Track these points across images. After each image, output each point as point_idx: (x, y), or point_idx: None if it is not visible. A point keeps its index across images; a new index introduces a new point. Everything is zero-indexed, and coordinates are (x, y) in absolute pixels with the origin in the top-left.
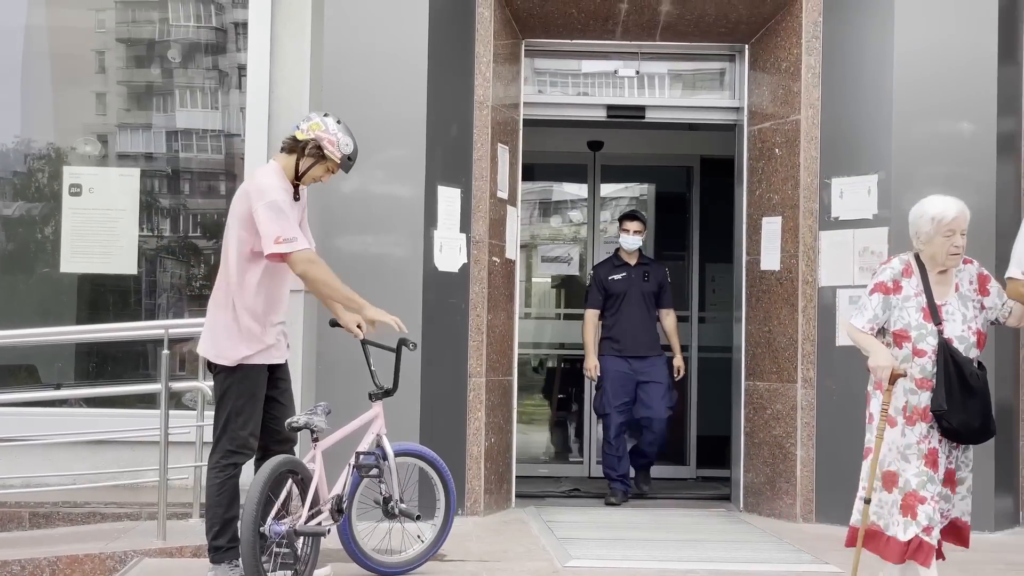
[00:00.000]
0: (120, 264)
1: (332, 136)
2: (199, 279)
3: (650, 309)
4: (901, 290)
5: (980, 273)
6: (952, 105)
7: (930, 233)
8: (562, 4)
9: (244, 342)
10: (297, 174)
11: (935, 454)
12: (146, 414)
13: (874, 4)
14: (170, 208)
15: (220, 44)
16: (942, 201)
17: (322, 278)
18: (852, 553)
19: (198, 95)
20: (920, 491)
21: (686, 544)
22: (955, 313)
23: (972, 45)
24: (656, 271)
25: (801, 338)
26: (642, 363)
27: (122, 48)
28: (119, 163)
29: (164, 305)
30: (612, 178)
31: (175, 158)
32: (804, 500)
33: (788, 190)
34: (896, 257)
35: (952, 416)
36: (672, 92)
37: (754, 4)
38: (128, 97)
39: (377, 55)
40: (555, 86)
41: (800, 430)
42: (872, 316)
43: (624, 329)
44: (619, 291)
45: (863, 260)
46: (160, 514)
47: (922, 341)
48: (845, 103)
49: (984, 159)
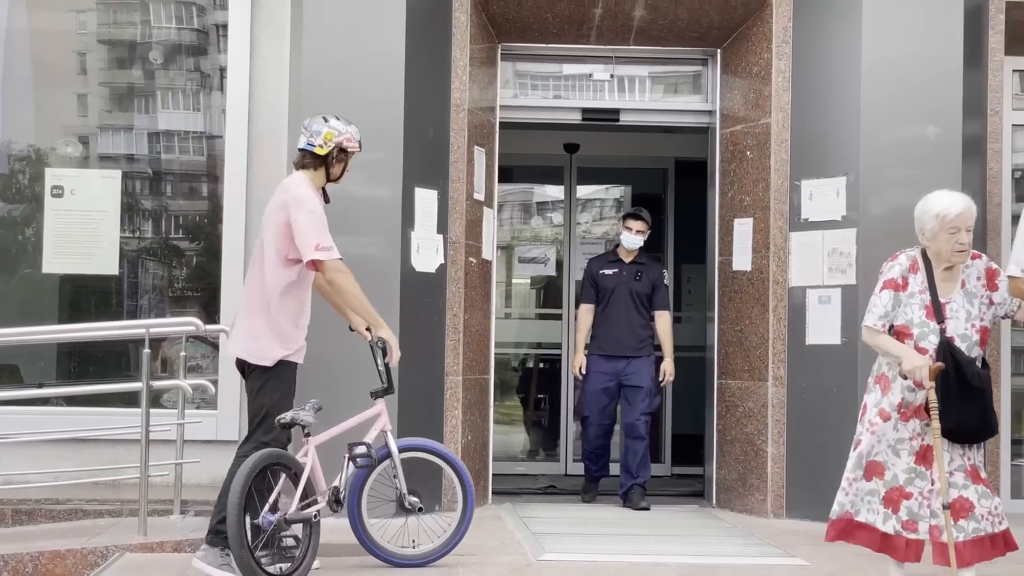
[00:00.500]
0: (102, 265)
1: (347, 134)
2: (180, 280)
3: (640, 309)
4: (908, 286)
5: (989, 268)
6: (918, 109)
7: (934, 230)
8: (537, 9)
9: (280, 343)
10: (329, 179)
11: (929, 452)
12: (127, 412)
13: (843, 10)
14: (152, 209)
15: (201, 46)
16: (947, 197)
17: (350, 288)
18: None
19: (179, 96)
20: (907, 487)
21: (658, 539)
22: (959, 311)
23: (938, 51)
24: (651, 271)
25: (772, 337)
26: (626, 364)
27: (103, 49)
28: (101, 164)
29: (146, 306)
30: (588, 180)
31: (157, 159)
32: (775, 496)
33: (759, 192)
34: (903, 253)
35: (948, 415)
36: (646, 95)
37: (726, 10)
38: (110, 98)
39: (355, 59)
40: (531, 89)
41: (771, 427)
42: (883, 313)
43: (609, 328)
44: (608, 288)
45: (832, 261)
46: (141, 510)
47: (924, 339)
48: (814, 107)
49: (949, 162)
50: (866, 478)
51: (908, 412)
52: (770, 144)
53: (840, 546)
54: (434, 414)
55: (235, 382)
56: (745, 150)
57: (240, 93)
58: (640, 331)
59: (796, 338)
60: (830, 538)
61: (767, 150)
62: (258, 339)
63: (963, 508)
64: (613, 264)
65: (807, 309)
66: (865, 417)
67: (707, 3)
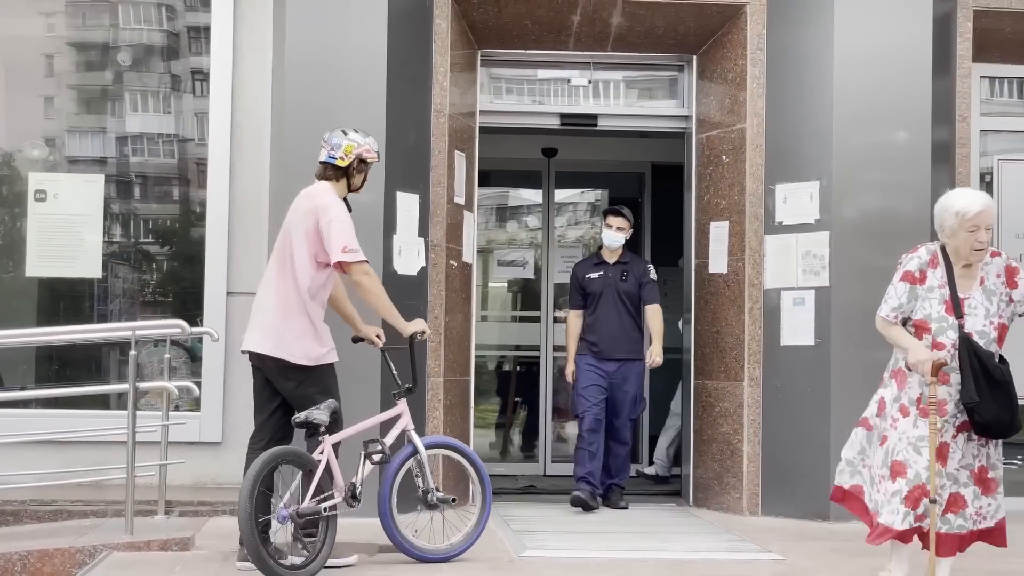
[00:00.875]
0: (84, 269)
1: (365, 145)
2: (154, 284)
3: (629, 310)
4: (926, 280)
5: (1008, 265)
6: (889, 115)
7: (954, 227)
8: (517, 16)
9: (318, 342)
10: (350, 189)
11: (945, 448)
12: (112, 415)
13: (815, 19)
14: (129, 212)
15: (173, 48)
16: (968, 195)
17: (375, 289)
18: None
19: (150, 99)
20: (928, 485)
21: (637, 536)
22: (978, 307)
23: (908, 58)
24: (636, 269)
25: (747, 338)
26: (617, 367)
27: (73, 52)
28: (70, 167)
29: (124, 309)
30: (566, 184)
31: (129, 162)
32: (750, 494)
33: (735, 196)
34: (923, 246)
35: (984, 409)
36: (624, 101)
37: (701, 17)
38: (79, 101)
39: (337, 65)
40: (510, 94)
41: (746, 427)
42: (897, 305)
43: (600, 331)
44: (595, 291)
45: (806, 263)
46: (128, 509)
47: (942, 334)
48: (788, 113)
49: (919, 166)
50: (891, 479)
51: (927, 408)
52: (745, 149)
53: (816, 542)
54: (416, 415)
55: (218, 384)
56: (721, 155)
57: (223, 99)
58: (632, 332)
59: (771, 339)
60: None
61: (742, 155)
62: (299, 340)
63: (955, 504)
64: (598, 267)
65: (782, 311)
66: (886, 412)
67: (683, 11)
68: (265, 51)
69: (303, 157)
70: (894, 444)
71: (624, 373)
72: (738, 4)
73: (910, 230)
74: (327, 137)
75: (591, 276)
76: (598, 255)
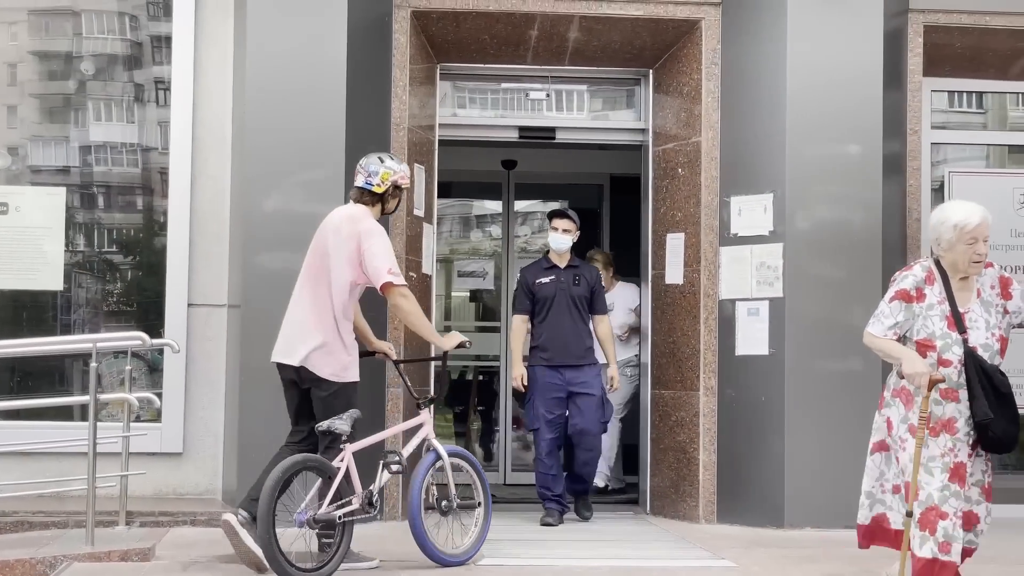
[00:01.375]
0: (46, 281)
1: (401, 172)
2: (117, 295)
3: (583, 315)
4: (924, 298)
5: (1002, 276)
6: (841, 128)
7: (952, 240)
8: (475, 30)
9: (347, 358)
10: (384, 212)
11: (962, 468)
12: (73, 426)
13: (769, 33)
14: (91, 223)
15: (136, 57)
16: (965, 207)
17: (414, 310)
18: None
19: (113, 108)
20: (942, 506)
21: (593, 544)
22: (978, 320)
23: (859, 72)
24: (588, 274)
25: (703, 348)
26: (575, 373)
27: (35, 61)
28: (33, 177)
29: (89, 320)
30: (526, 195)
31: (93, 172)
32: (706, 502)
33: (690, 208)
34: (917, 263)
35: (996, 425)
36: (582, 114)
37: (657, 32)
38: (41, 111)
39: (297, 80)
40: (470, 107)
41: (702, 436)
42: (892, 324)
43: (552, 337)
44: (546, 295)
45: (760, 274)
46: (88, 521)
47: (947, 351)
48: (742, 126)
49: (871, 179)
50: (906, 500)
51: (937, 427)
52: (701, 161)
53: (769, 549)
54: (376, 425)
55: (179, 396)
56: (677, 167)
57: (184, 110)
58: (586, 338)
59: (726, 349)
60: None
61: (698, 167)
62: (330, 356)
63: (968, 522)
64: (549, 271)
65: (736, 321)
66: (895, 434)
67: (639, 26)
68: (226, 63)
69: (264, 169)
70: (904, 465)
71: (583, 377)
72: (693, 19)
73: (862, 242)
74: (363, 164)
75: (542, 281)
76: (547, 259)
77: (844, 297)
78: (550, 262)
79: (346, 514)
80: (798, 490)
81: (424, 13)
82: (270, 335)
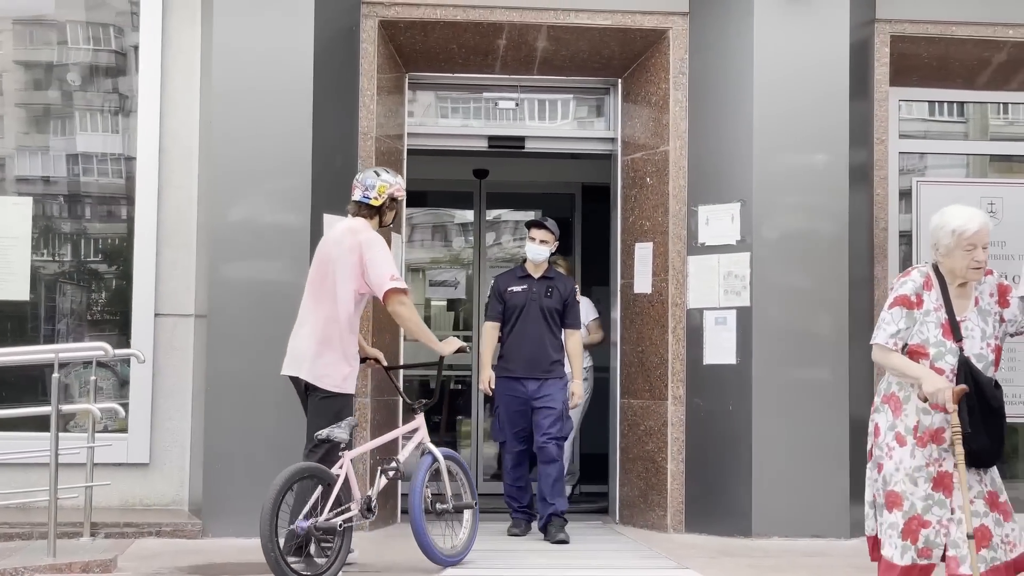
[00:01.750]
0: (12, 291)
1: (396, 185)
2: (94, 304)
3: (552, 328)
4: (923, 303)
5: (1000, 284)
6: (808, 138)
7: (950, 246)
8: (443, 40)
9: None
10: (382, 225)
11: (947, 478)
12: (37, 436)
13: (736, 43)
14: (67, 233)
15: (120, 67)
16: (964, 212)
17: (411, 317)
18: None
19: (78, 118)
20: (925, 515)
21: (559, 553)
22: (974, 329)
23: (826, 82)
24: (562, 287)
25: (671, 357)
26: (537, 386)
27: (20, 70)
28: (17, 186)
29: (63, 330)
30: (498, 204)
31: (74, 181)
32: (674, 511)
33: (658, 217)
34: (915, 269)
35: (974, 439)
36: (552, 123)
37: (625, 42)
38: (27, 120)
39: (264, 89)
40: (439, 117)
41: (670, 445)
42: (895, 331)
43: (518, 347)
44: (516, 304)
45: (727, 283)
46: (51, 531)
47: (940, 359)
48: (710, 135)
49: (837, 188)
50: (888, 509)
51: (925, 437)
52: (669, 171)
53: (735, 558)
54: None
55: (145, 406)
56: (645, 176)
57: (151, 120)
58: (552, 352)
59: (694, 358)
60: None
61: (666, 177)
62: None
63: (983, 537)
64: (522, 280)
65: (704, 330)
66: (881, 440)
67: (607, 35)
68: (193, 73)
69: (231, 178)
70: (890, 474)
71: (546, 391)
72: (660, 29)
73: (829, 251)
74: (360, 178)
75: (514, 289)
76: (522, 268)
77: (811, 306)
78: (525, 271)
79: (346, 520)
80: (766, 499)
81: (392, 22)
82: (236, 345)
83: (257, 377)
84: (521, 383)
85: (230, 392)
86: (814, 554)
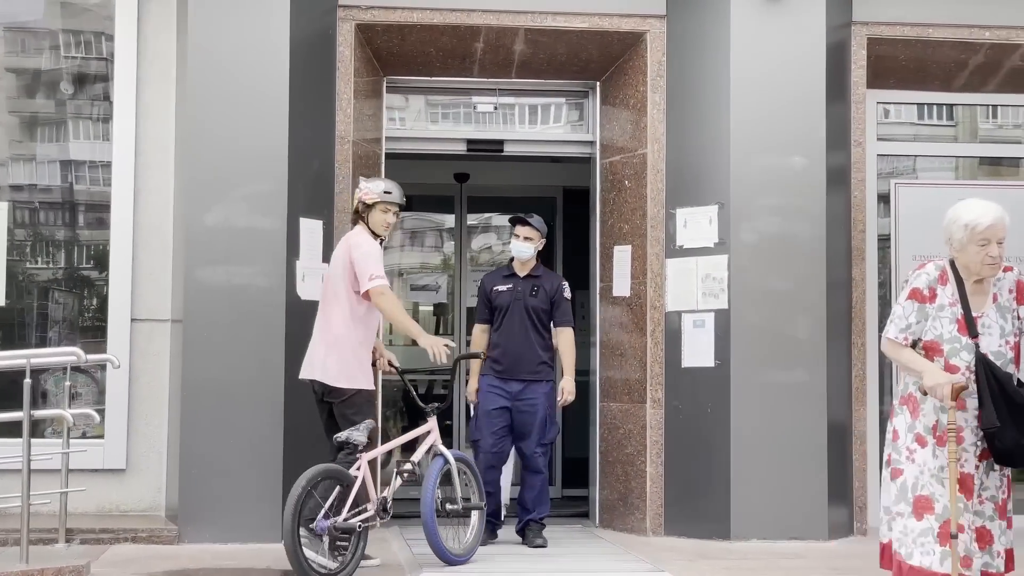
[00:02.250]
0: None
1: (364, 190)
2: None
3: (537, 327)
4: (936, 298)
5: (1020, 280)
6: (785, 140)
7: (963, 241)
8: (420, 43)
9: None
10: (371, 230)
11: (969, 480)
12: (11, 442)
13: (713, 46)
14: (45, 238)
15: (97, 73)
16: (978, 207)
17: (391, 308)
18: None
19: (79, 124)
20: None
21: (536, 557)
22: (992, 326)
23: (802, 84)
24: (549, 284)
25: (650, 360)
26: (522, 388)
27: (11, 77)
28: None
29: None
30: (479, 208)
31: (34, 187)
32: (654, 515)
33: (637, 220)
34: (931, 262)
35: (1005, 435)
36: (529, 126)
37: (603, 45)
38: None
39: (240, 94)
40: (417, 120)
41: (649, 448)
42: (906, 325)
43: (504, 348)
44: (502, 304)
45: (705, 286)
46: (23, 537)
47: (955, 356)
48: (688, 138)
49: (815, 191)
50: (916, 517)
51: (944, 436)
52: (647, 174)
53: (713, 561)
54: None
55: (122, 412)
56: (624, 179)
57: (127, 124)
58: (538, 352)
59: (673, 361)
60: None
61: (644, 179)
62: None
63: (983, 540)
64: (507, 279)
65: (683, 333)
66: (899, 443)
67: (585, 38)
68: (168, 78)
69: (206, 183)
70: (915, 478)
71: (530, 395)
72: (638, 32)
73: (806, 253)
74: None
75: (499, 288)
76: (509, 267)
77: (789, 308)
78: (511, 270)
79: (363, 520)
80: (744, 502)
81: (368, 26)
82: (212, 350)
83: (233, 382)
84: (505, 383)
85: (206, 397)
86: (792, 556)
